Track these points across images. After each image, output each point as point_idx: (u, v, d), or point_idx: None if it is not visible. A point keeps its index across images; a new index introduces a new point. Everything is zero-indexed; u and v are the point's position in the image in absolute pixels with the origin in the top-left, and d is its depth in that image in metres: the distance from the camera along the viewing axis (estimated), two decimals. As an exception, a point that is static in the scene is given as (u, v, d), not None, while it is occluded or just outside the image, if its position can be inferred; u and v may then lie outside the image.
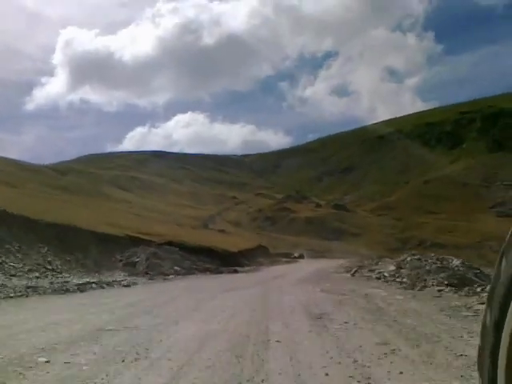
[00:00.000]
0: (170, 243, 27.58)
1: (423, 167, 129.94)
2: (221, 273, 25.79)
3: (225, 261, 29.53)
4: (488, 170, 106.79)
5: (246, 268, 31.44)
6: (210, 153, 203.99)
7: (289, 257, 54.44)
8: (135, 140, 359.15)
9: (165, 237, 29.85)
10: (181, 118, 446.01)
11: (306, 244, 69.23)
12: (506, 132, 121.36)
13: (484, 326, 1.24)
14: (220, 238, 47.82)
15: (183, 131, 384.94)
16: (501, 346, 1.15)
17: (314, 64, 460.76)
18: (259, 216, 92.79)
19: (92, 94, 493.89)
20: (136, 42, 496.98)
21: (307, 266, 34.78)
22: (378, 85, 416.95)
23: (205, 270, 25.02)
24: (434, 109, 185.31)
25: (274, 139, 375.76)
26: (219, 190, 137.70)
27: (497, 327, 1.16)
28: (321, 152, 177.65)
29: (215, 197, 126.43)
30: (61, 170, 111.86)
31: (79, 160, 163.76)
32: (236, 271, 27.53)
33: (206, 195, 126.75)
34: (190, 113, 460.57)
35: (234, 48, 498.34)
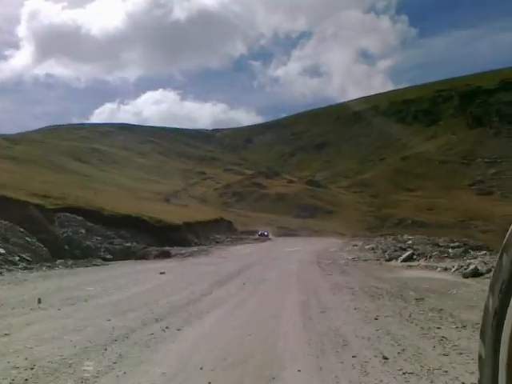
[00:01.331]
0: (73, 210, 20.45)
1: (399, 144, 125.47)
2: (143, 258, 19.17)
3: (161, 237, 23.21)
4: (467, 147, 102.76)
5: (191, 249, 23.76)
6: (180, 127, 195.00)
7: (253, 235, 48.51)
8: (104, 116, 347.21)
9: (79, 202, 23.06)
10: (151, 95, 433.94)
11: (276, 221, 63.59)
12: (484, 109, 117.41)
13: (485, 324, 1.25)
14: (168, 209, 41.47)
15: (154, 108, 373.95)
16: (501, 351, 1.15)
17: (287, 44, 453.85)
18: (227, 192, 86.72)
19: (59, 69, 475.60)
20: (104, 16, 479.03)
21: (285, 247, 28.78)
22: (350, 66, 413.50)
23: (120, 252, 18.31)
24: (411, 87, 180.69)
25: (246, 118, 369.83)
26: (187, 165, 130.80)
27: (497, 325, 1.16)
28: (294, 128, 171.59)
29: (182, 172, 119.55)
30: (14, 139, 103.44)
31: (39, 131, 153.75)
32: (167, 255, 20.19)
33: (173, 170, 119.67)
34: (161, 90, 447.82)
35: (207, 24, 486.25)
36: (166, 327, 5.82)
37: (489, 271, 10.55)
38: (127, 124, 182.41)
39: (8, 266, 12.38)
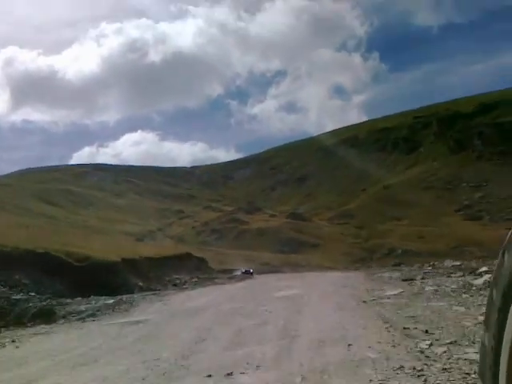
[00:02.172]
0: None
1: (380, 173, 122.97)
2: (18, 321, 13.16)
3: (85, 281, 18.35)
4: (451, 172, 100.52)
5: (111, 301, 16.56)
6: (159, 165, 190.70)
7: (231, 273, 43.78)
8: (83, 160, 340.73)
9: None
10: (130, 137, 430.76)
11: (258, 258, 59.14)
12: (464, 133, 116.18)
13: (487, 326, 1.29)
14: (121, 245, 36.57)
15: (133, 150, 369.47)
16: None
17: (263, 82, 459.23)
18: (205, 230, 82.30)
19: (35, 115, 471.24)
20: (80, 62, 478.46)
21: (272, 290, 19.75)
22: (325, 102, 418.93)
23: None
24: (388, 116, 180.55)
25: (226, 156, 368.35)
26: (165, 204, 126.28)
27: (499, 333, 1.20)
28: (273, 162, 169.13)
29: (159, 211, 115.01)
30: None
31: (10, 175, 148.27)
32: (50, 315, 13.63)
33: (150, 209, 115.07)
34: (139, 131, 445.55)
35: (182, 66, 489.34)
36: None
37: None
38: (103, 164, 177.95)
39: None
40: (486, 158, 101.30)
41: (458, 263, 31.51)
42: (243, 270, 47.88)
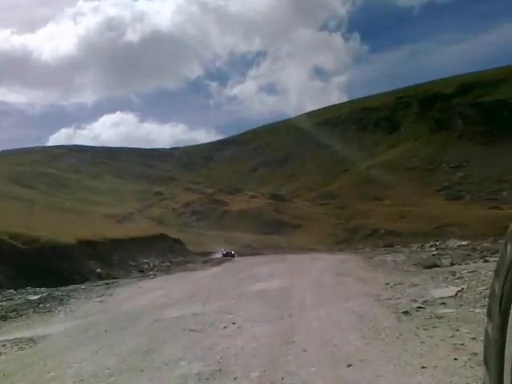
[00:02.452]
0: None
1: (362, 153, 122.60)
2: None
3: (32, 266, 16.57)
4: (431, 153, 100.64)
5: (45, 293, 14.39)
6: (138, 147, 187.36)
7: (209, 256, 41.71)
8: (59, 142, 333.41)
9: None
10: (109, 118, 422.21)
11: (240, 239, 58.20)
12: (446, 113, 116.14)
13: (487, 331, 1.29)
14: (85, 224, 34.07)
15: (111, 131, 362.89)
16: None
17: (243, 63, 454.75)
18: (185, 211, 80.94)
19: (11, 95, 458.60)
20: (56, 41, 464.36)
21: (255, 277, 17.01)
22: (306, 83, 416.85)
23: None
24: (369, 96, 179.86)
25: (207, 137, 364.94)
26: (144, 186, 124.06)
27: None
28: (254, 143, 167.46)
29: (138, 193, 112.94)
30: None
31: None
32: None
33: (128, 191, 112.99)
34: (118, 112, 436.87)
35: (161, 46, 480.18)
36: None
37: None
38: (79, 145, 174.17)
39: None
40: (467, 138, 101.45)
41: (465, 243, 29.04)
42: (224, 252, 46.29)
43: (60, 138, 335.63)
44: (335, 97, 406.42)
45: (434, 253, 22.33)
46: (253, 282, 14.99)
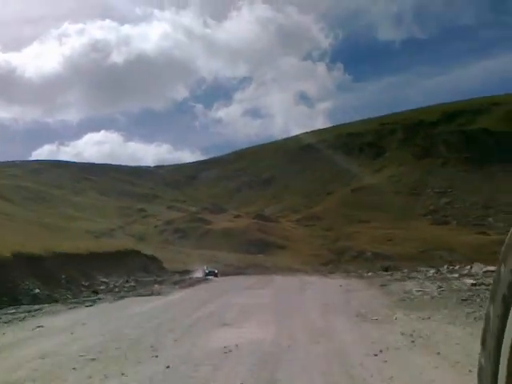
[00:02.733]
0: None
1: (347, 177, 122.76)
2: None
3: None
4: (416, 178, 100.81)
5: None
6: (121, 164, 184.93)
7: (188, 274, 39.13)
8: (42, 158, 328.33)
9: None
10: (93, 137, 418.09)
11: (223, 259, 56.70)
12: (430, 140, 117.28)
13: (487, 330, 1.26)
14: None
15: (95, 149, 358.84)
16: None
17: (228, 88, 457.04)
18: (168, 229, 79.22)
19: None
20: (41, 60, 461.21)
21: (233, 308, 13.98)
22: (290, 108, 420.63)
23: None
24: (354, 121, 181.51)
25: (191, 158, 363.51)
26: (126, 203, 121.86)
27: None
28: (239, 164, 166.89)
29: (121, 209, 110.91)
30: None
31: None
32: None
33: (110, 208, 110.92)
34: (103, 131, 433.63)
35: (147, 68, 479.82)
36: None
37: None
38: (62, 161, 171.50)
39: None
40: (451, 165, 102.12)
41: (492, 268, 20.59)
42: (207, 271, 43.75)
43: (43, 154, 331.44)
44: (320, 122, 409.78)
45: (472, 281, 17.03)
46: (215, 327, 10.24)
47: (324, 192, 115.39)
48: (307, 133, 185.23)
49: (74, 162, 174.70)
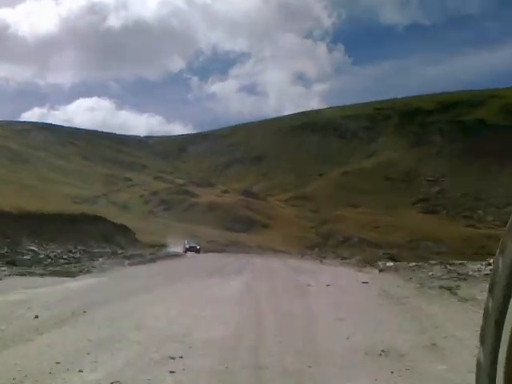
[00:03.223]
0: None
1: (339, 160, 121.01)
2: None
3: None
4: (409, 165, 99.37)
5: None
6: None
7: (165, 249, 36.64)
8: (31, 120, 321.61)
9: None
10: (84, 102, 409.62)
11: (206, 234, 55.02)
12: (425, 128, 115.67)
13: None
14: None
15: (86, 115, 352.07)
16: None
17: (226, 61, 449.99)
18: (153, 199, 77.29)
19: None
20: (35, 19, 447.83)
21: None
22: (287, 87, 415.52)
23: None
24: (350, 105, 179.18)
25: (183, 131, 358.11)
26: (113, 171, 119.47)
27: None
28: (230, 139, 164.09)
29: (106, 177, 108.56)
30: None
31: None
32: None
33: (96, 174, 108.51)
34: (95, 98, 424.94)
35: (144, 35, 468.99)
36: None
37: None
38: (48, 124, 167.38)
39: None
40: (445, 154, 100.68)
41: None
42: (187, 246, 41.63)
43: (32, 116, 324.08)
44: (315, 103, 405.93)
45: None
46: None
47: (315, 173, 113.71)
48: (302, 112, 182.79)
49: (62, 126, 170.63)
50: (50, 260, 16.78)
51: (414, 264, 22.58)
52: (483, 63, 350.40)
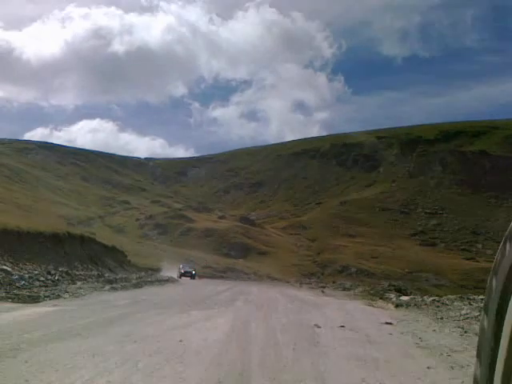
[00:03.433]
0: None
1: (338, 189, 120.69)
2: None
3: None
4: (408, 196, 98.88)
5: None
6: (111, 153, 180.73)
7: (159, 272, 35.19)
8: (34, 140, 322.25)
9: None
10: (87, 124, 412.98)
11: (201, 259, 54.07)
12: (426, 158, 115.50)
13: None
14: None
15: (89, 137, 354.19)
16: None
17: (227, 88, 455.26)
18: (149, 223, 76.38)
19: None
20: (41, 41, 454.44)
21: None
22: (287, 115, 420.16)
23: None
24: (351, 132, 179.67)
25: (184, 155, 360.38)
26: (111, 193, 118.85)
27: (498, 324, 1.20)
28: (230, 164, 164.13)
29: (104, 199, 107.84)
30: None
31: None
32: None
33: (94, 196, 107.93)
34: (98, 120, 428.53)
35: (147, 61, 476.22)
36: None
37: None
38: (49, 143, 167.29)
39: None
40: (445, 186, 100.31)
41: None
42: (182, 271, 40.61)
43: (35, 136, 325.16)
44: (315, 131, 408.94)
45: None
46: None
47: (313, 201, 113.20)
48: (302, 139, 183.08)
49: (64, 146, 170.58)
50: (23, 282, 15.44)
51: (432, 299, 19.97)
52: (483, 95, 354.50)
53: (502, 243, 1.07)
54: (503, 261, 1.11)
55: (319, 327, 10.29)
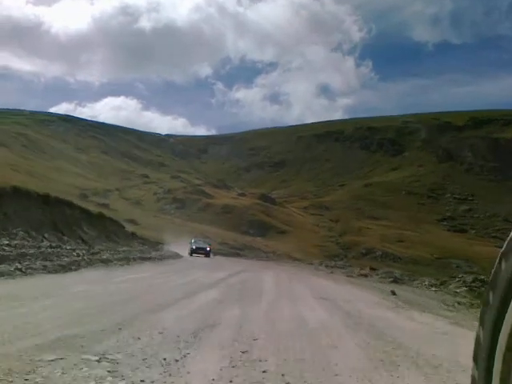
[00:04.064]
0: None
1: (362, 171, 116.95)
2: None
3: None
4: (436, 181, 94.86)
5: None
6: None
7: (163, 247, 31.46)
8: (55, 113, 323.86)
9: None
10: (112, 101, 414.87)
11: (218, 236, 51.69)
12: (455, 143, 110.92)
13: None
14: None
15: (112, 113, 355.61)
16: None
17: (252, 70, 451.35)
18: (167, 197, 74.20)
19: (15, 62, 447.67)
20: (69, 17, 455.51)
21: None
22: (311, 99, 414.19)
23: None
24: (377, 117, 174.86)
25: (206, 134, 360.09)
26: (130, 167, 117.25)
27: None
28: (251, 143, 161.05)
29: (123, 172, 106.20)
30: None
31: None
32: None
33: (112, 169, 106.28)
34: (122, 97, 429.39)
35: (174, 39, 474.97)
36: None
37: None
38: (70, 116, 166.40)
39: None
40: (475, 172, 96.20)
41: None
42: (193, 247, 35.50)
43: (59, 111, 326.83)
44: (338, 117, 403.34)
45: None
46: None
47: (336, 183, 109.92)
48: (325, 122, 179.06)
49: (85, 119, 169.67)
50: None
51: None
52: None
53: (497, 260, 1.10)
54: (499, 277, 1.13)
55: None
